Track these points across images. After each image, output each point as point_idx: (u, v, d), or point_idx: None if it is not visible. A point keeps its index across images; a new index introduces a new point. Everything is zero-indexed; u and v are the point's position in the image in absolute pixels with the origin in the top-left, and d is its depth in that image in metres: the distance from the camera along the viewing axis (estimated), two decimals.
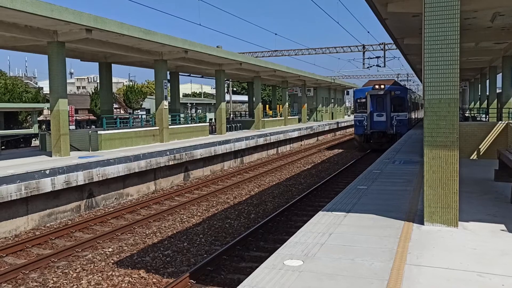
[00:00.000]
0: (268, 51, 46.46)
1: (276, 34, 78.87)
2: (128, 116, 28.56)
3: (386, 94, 28.07)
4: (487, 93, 31.59)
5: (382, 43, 41.64)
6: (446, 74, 6.03)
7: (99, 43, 17.27)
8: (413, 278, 4.44)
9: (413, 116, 35.46)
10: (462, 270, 4.63)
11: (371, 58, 43.67)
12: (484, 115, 28.54)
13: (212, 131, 28.83)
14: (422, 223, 6.30)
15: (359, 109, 28.98)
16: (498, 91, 26.86)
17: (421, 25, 6.32)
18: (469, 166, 12.25)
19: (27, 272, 9.14)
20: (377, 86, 28.30)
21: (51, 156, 16.04)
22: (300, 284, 4.36)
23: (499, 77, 26.15)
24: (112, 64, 23.22)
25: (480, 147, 14.16)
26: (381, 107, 28.26)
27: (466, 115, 31.56)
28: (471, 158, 14.00)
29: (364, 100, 28.62)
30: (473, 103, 38.11)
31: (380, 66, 43.32)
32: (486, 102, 30.91)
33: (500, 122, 14.74)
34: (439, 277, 4.46)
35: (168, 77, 26.86)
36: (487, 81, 30.17)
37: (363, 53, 42.83)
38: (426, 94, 6.14)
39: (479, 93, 32.46)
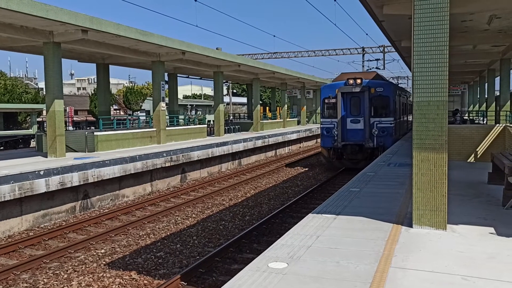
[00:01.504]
0: (267, 53, 46.59)
1: (274, 36, 79.41)
2: (125, 117, 28.55)
3: (364, 91, 20.70)
4: (486, 96, 31.55)
5: (382, 46, 41.71)
6: (435, 77, 6.00)
7: (96, 44, 17.27)
8: (396, 281, 4.41)
9: (402, 122, 26.79)
10: (446, 273, 4.60)
11: (370, 60, 43.89)
12: (481, 118, 28.51)
13: (211, 132, 28.82)
14: (411, 226, 6.26)
15: (327, 112, 21.90)
16: (497, 93, 26.82)
17: None
18: (466, 168, 12.21)
19: (18, 272, 9.11)
20: (351, 81, 20.88)
21: (47, 157, 16.02)
22: (283, 286, 4.32)
23: (497, 80, 26.12)
24: (110, 66, 23.24)
25: (477, 149, 14.13)
26: (357, 110, 21.10)
27: (465, 118, 31.45)
28: (468, 161, 13.97)
29: (333, 100, 21.43)
30: (472, 106, 38.11)
31: (379, 69, 43.33)
32: (485, 104, 30.87)
33: (497, 125, 14.71)
34: (423, 280, 4.42)
35: (167, 79, 26.89)
36: (486, 84, 30.16)
37: (363, 55, 42.87)
38: (415, 96, 6.12)
39: (478, 96, 32.41)
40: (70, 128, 30.87)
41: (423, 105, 6.05)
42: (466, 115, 33.24)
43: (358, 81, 20.85)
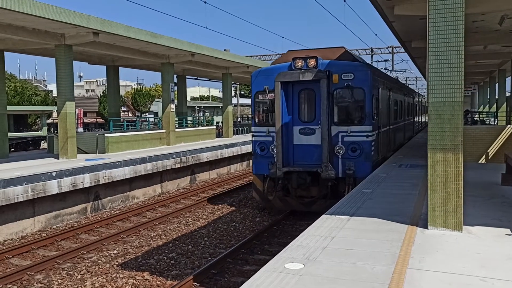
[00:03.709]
0: (276, 54, 46.53)
1: (283, 37, 79.34)
2: (135, 119, 28.67)
3: (321, 79, 12.15)
4: (496, 97, 31.33)
5: (391, 46, 41.53)
6: (451, 77, 5.97)
7: (107, 46, 17.39)
8: (414, 282, 4.39)
9: (393, 131, 17.10)
10: (464, 274, 4.57)
11: (379, 61, 43.64)
12: (492, 119, 28.30)
13: (219, 134, 28.88)
14: (426, 227, 6.23)
15: (262, 116, 13.67)
16: (507, 94, 26.62)
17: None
18: (477, 170, 12.13)
19: (32, 273, 9.19)
20: (299, 62, 12.41)
21: (58, 159, 16.14)
22: (300, 287, 4.32)
23: (508, 80, 25.93)
24: (120, 67, 23.37)
25: (488, 151, 14.04)
26: (310, 113, 12.87)
27: (475, 118, 31.20)
28: (479, 162, 13.88)
29: (271, 95, 12.99)
30: (482, 107, 37.84)
31: (388, 70, 43.14)
32: (495, 105, 30.63)
33: (508, 126, 14.61)
34: (440, 281, 4.40)
35: (175, 80, 27.00)
36: (496, 84, 29.96)
37: (371, 56, 42.72)
38: (430, 97, 6.09)
39: (488, 97, 32.15)
40: (80, 130, 31.07)
41: (438, 106, 6.01)
42: (476, 115, 32.99)
43: (311, 62, 12.34)
